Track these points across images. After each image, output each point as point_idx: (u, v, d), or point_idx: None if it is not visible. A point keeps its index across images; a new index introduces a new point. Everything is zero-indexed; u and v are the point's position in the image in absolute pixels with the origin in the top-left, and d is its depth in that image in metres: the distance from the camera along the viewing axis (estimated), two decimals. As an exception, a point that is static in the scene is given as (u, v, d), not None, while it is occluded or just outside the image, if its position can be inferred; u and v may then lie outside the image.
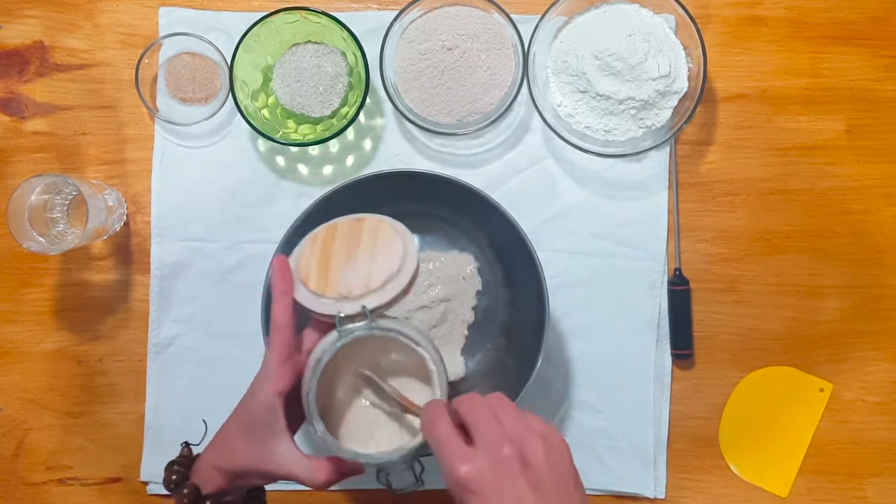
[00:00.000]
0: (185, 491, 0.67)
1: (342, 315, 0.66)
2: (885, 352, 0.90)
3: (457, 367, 0.88)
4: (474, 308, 0.88)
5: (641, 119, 0.86)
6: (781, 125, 0.90)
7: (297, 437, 0.68)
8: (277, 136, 0.85)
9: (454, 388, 0.88)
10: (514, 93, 0.86)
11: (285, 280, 0.68)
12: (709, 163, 0.90)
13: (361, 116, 0.90)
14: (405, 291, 0.69)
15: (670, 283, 0.89)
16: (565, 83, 0.86)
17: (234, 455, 0.67)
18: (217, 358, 0.90)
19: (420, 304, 0.88)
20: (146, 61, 0.89)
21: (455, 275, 0.88)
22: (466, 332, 0.88)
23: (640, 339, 0.89)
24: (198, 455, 0.72)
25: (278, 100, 0.89)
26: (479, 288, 0.88)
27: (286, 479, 0.66)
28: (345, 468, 0.66)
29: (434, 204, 0.86)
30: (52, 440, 0.90)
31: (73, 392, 0.90)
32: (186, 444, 0.75)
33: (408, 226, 0.89)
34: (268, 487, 0.89)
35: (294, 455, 0.66)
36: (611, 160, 0.89)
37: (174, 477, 0.69)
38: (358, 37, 0.84)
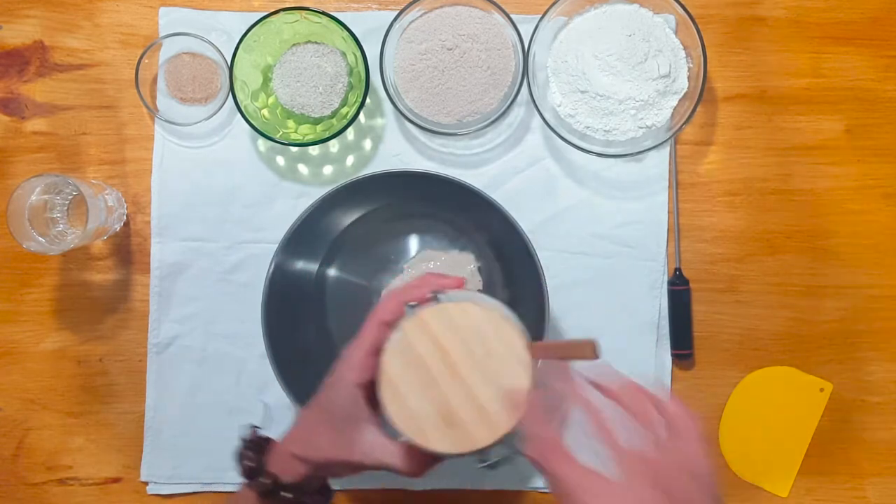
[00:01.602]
0: (264, 480, 0.64)
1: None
2: (885, 352, 0.90)
3: None
4: None
5: (641, 119, 0.86)
6: (781, 125, 0.90)
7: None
8: (277, 136, 0.85)
9: None
10: (514, 93, 0.86)
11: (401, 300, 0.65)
12: (709, 163, 0.90)
13: (361, 116, 0.90)
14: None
15: (670, 283, 0.89)
16: (565, 83, 0.86)
17: (319, 446, 0.65)
18: (217, 358, 0.90)
19: None
20: (146, 61, 0.89)
21: (456, 274, 0.88)
22: None
23: (640, 339, 0.89)
24: (268, 441, 0.70)
25: (278, 100, 0.89)
26: (480, 287, 0.88)
27: (375, 469, 0.63)
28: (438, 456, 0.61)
29: (434, 203, 0.86)
30: (52, 440, 0.90)
31: (73, 392, 0.90)
32: (253, 427, 0.71)
33: (408, 226, 0.89)
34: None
35: (383, 443, 0.62)
36: (611, 160, 0.89)
37: (250, 464, 0.66)
38: (358, 37, 0.84)
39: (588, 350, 0.56)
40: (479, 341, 0.58)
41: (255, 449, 0.68)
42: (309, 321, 0.87)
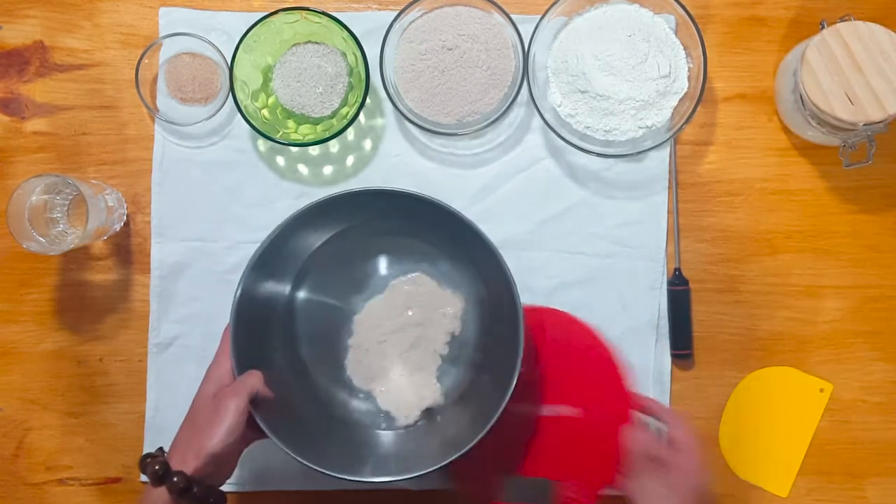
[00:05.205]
0: (177, 480, 0.70)
1: None
2: (885, 352, 0.90)
3: (434, 393, 0.85)
4: (448, 343, 0.86)
5: (641, 119, 0.86)
6: (781, 125, 0.90)
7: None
8: (277, 136, 0.85)
9: (431, 414, 0.85)
10: (514, 93, 0.86)
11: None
12: (709, 163, 0.90)
13: (361, 116, 0.90)
14: None
15: (670, 283, 0.89)
16: (565, 83, 0.86)
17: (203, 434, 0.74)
18: (217, 358, 0.90)
19: (395, 326, 0.86)
20: (146, 61, 0.89)
21: (433, 304, 0.86)
22: (440, 360, 0.86)
23: (639, 339, 0.89)
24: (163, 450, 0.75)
25: (278, 100, 0.89)
26: (457, 333, 0.86)
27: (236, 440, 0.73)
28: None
29: (408, 221, 0.83)
30: (52, 440, 0.90)
31: (73, 392, 0.90)
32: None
33: (381, 245, 0.86)
34: (254, 487, 0.89)
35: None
36: (611, 160, 0.89)
37: (158, 469, 0.70)
38: (358, 37, 0.84)
39: None
40: (878, 49, 0.79)
41: (156, 456, 0.73)
42: (277, 349, 0.84)
